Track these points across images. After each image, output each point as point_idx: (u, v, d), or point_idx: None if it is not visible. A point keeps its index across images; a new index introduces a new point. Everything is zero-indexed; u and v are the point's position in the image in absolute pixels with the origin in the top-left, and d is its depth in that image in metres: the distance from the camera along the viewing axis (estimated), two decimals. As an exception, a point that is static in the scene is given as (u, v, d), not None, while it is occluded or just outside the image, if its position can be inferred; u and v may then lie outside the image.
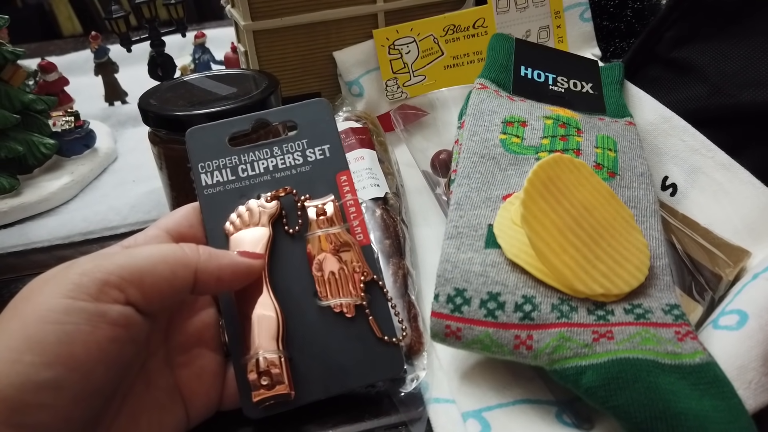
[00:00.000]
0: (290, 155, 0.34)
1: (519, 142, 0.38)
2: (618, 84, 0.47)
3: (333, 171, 0.34)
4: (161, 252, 0.27)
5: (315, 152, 0.34)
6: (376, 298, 0.32)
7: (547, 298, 0.31)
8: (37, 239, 0.50)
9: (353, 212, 0.33)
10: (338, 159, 0.34)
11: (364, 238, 0.33)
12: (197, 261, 0.28)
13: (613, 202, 0.34)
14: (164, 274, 0.26)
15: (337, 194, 0.33)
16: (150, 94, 0.44)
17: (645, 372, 0.28)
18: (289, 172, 0.34)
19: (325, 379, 0.31)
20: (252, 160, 0.34)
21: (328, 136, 0.34)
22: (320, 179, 0.33)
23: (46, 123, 0.56)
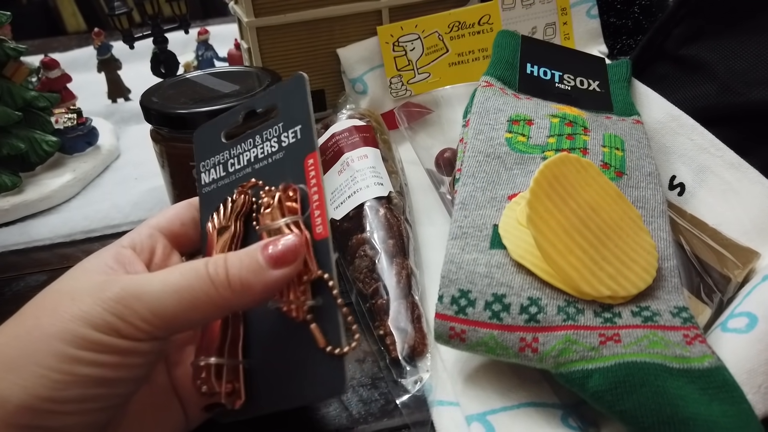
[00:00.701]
0: (268, 143, 0.32)
1: (525, 140, 0.38)
2: (625, 82, 0.46)
3: (302, 154, 0.30)
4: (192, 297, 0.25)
5: (288, 136, 0.31)
6: (326, 300, 0.28)
7: (553, 300, 0.30)
8: (38, 237, 0.50)
9: (316, 201, 0.29)
10: (307, 140, 0.30)
11: (323, 230, 0.28)
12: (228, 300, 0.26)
13: (621, 203, 0.33)
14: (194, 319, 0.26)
15: (303, 180, 0.30)
16: (152, 91, 0.43)
17: (653, 376, 0.27)
18: (266, 161, 0.31)
19: (277, 392, 0.28)
20: (238, 152, 0.33)
21: (300, 115, 0.31)
22: (291, 166, 0.30)
23: (48, 120, 0.56)
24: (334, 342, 0.27)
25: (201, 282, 0.25)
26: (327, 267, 0.27)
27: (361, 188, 0.42)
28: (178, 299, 0.25)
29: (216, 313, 0.27)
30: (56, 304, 0.25)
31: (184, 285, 0.25)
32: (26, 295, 0.47)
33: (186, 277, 0.25)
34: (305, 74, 0.31)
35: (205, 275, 0.26)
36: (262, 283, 0.26)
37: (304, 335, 0.27)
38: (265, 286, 0.26)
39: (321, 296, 0.27)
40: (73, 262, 0.50)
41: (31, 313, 0.25)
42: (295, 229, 0.28)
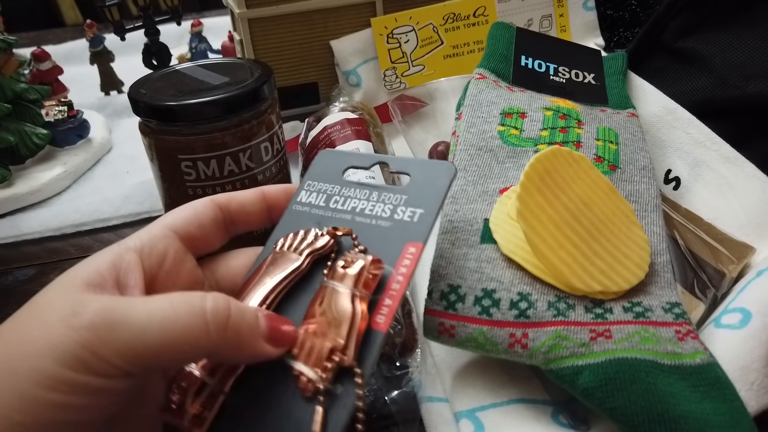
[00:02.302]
0: (382, 205, 0.29)
1: (517, 133, 0.37)
2: (621, 74, 0.45)
3: (407, 239, 0.28)
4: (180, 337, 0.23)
5: (405, 212, 0.29)
6: (346, 392, 0.24)
7: (543, 296, 0.30)
8: (28, 231, 0.49)
9: (395, 289, 0.26)
10: (421, 228, 0.28)
11: (384, 323, 0.26)
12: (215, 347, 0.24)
13: (613, 197, 0.33)
14: (177, 360, 0.24)
15: (392, 262, 0.27)
16: (140, 83, 0.43)
17: (644, 373, 0.27)
18: (370, 221, 0.29)
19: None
20: (348, 195, 0.30)
21: (428, 201, 0.29)
22: (390, 242, 0.28)
23: (38, 113, 0.56)
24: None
25: (194, 319, 0.23)
26: (366, 361, 0.25)
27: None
28: (162, 334, 0.22)
29: (197, 358, 0.25)
30: (27, 332, 0.22)
31: (173, 319, 0.23)
32: (15, 290, 0.47)
33: (177, 311, 0.23)
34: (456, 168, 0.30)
35: (200, 313, 0.23)
36: (252, 348, 0.24)
37: (299, 408, 0.24)
38: (252, 352, 0.24)
39: (342, 385, 0.24)
40: (62, 256, 0.50)
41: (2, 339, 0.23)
42: (358, 305, 0.26)
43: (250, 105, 0.41)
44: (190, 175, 0.41)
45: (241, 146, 0.41)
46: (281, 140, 0.45)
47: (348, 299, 0.26)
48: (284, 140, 0.46)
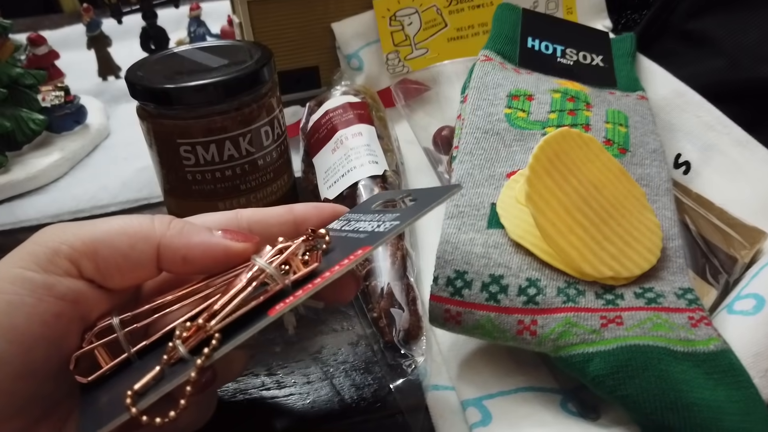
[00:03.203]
0: (375, 223, 0.27)
1: (525, 116, 0.36)
2: (630, 56, 0.44)
3: (362, 243, 0.25)
4: (124, 223, 0.25)
5: (382, 226, 0.26)
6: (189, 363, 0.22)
7: (552, 282, 0.29)
8: (25, 218, 0.48)
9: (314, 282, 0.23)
10: (381, 235, 0.26)
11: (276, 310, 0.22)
12: (161, 235, 0.25)
13: (624, 180, 0.32)
14: (121, 246, 0.24)
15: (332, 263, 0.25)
16: (137, 66, 0.42)
17: (656, 360, 0.26)
18: (350, 234, 0.27)
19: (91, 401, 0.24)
20: (362, 220, 0.28)
21: (408, 215, 0.27)
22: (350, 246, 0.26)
23: (35, 98, 0.55)
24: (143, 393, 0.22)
25: (139, 216, 0.26)
26: (229, 337, 0.22)
27: (355, 167, 0.41)
28: (107, 226, 0.25)
29: (145, 246, 0.24)
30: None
31: (121, 217, 0.25)
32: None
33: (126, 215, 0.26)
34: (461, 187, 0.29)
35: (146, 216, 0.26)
36: (201, 236, 0.25)
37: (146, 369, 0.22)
38: (205, 240, 0.25)
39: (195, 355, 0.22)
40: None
41: None
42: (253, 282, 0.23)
43: (249, 88, 0.40)
44: (189, 160, 0.40)
45: (240, 130, 0.40)
46: (282, 125, 0.44)
47: (249, 272, 0.24)
48: (285, 125, 0.45)
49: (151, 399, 0.21)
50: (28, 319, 0.22)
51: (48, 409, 0.24)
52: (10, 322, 0.22)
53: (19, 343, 0.22)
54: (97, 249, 0.24)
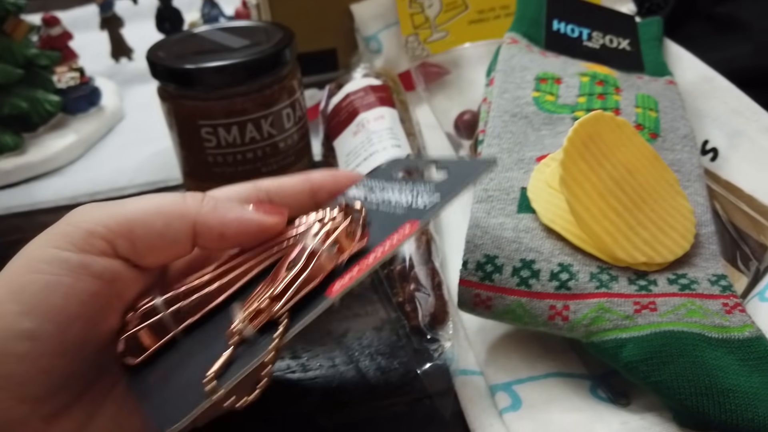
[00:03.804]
0: (408, 195, 0.27)
1: (553, 100, 0.36)
2: (657, 41, 0.43)
3: (407, 218, 0.26)
4: (157, 202, 0.25)
5: (420, 200, 0.26)
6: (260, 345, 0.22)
7: (585, 267, 0.29)
8: (42, 199, 0.48)
9: (368, 261, 0.24)
10: (427, 211, 0.26)
11: (334, 290, 0.23)
12: (197, 212, 0.25)
13: (657, 165, 0.31)
14: (156, 225, 0.24)
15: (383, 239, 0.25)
16: (158, 46, 0.41)
17: (690, 346, 0.26)
18: (389, 208, 0.27)
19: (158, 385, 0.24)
20: (386, 187, 0.29)
21: (448, 189, 0.26)
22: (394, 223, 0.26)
23: (50, 79, 0.54)
24: (222, 380, 0.22)
25: (171, 194, 0.26)
26: (297, 320, 0.23)
27: (377, 150, 0.40)
28: (142, 204, 0.25)
29: (180, 224, 0.25)
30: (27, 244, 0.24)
31: (153, 196, 0.26)
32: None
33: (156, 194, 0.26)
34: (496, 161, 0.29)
35: (178, 193, 0.26)
36: (238, 213, 0.25)
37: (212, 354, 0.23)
38: (240, 216, 0.25)
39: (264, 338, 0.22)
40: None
41: None
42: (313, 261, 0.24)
43: (271, 69, 0.40)
44: (210, 142, 0.40)
45: (262, 112, 0.40)
46: (303, 107, 0.43)
47: (306, 253, 0.24)
48: (305, 107, 0.44)
49: (233, 382, 0.21)
50: (66, 298, 0.22)
51: (84, 389, 0.24)
52: (47, 301, 0.22)
53: (57, 322, 0.22)
54: (133, 228, 0.24)
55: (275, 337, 0.22)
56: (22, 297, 0.22)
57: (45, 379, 0.22)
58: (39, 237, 0.24)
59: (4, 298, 0.22)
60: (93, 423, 0.25)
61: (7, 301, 0.22)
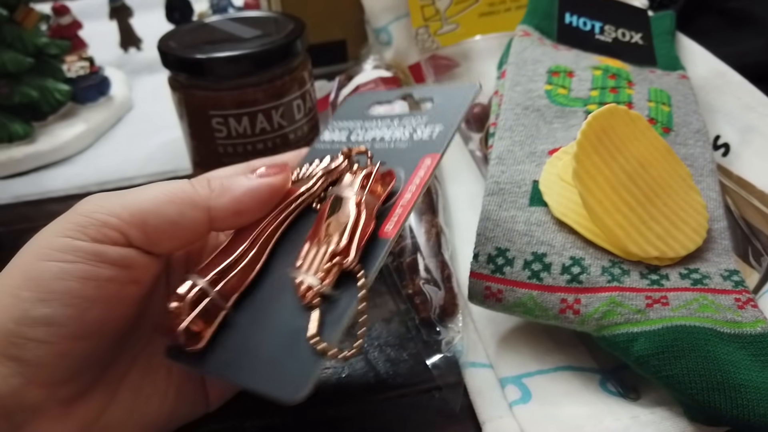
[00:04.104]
0: (402, 129, 0.29)
1: (566, 93, 0.36)
2: (669, 35, 0.43)
3: (424, 151, 0.27)
4: (168, 191, 0.25)
5: (424, 131, 0.28)
6: (346, 297, 0.24)
7: (597, 260, 0.29)
8: (51, 188, 0.48)
9: (406, 199, 0.26)
10: (439, 142, 0.28)
11: (391, 231, 0.25)
12: (208, 198, 0.25)
13: (670, 159, 0.31)
14: (170, 215, 0.25)
15: (408, 176, 0.27)
16: (169, 36, 0.41)
17: (702, 341, 0.26)
18: (387, 145, 0.29)
19: (239, 362, 0.24)
20: (369, 127, 0.30)
21: (447, 117, 0.28)
22: (407, 159, 0.28)
23: (59, 68, 0.54)
24: (326, 338, 0.23)
25: (179, 182, 0.26)
26: (370, 266, 0.24)
27: (387, 142, 0.40)
28: (153, 194, 0.25)
29: (194, 212, 0.25)
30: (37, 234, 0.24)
31: (161, 185, 0.26)
32: (41, 247, 0.46)
33: (162, 183, 0.26)
34: (481, 86, 0.30)
35: (185, 180, 0.26)
36: (243, 186, 0.26)
37: (298, 318, 0.24)
38: (247, 187, 0.26)
39: (343, 290, 0.24)
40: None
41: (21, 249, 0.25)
42: (363, 209, 0.25)
43: (282, 60, 0.39)
44: (221, 132, 0.40)
45: (273, 103, 0.40)
46: (313, 99, 0.43)
47: (352, 203, 0.25)
48: (315, 99, 0.44)
49: (335, 338, 0.23)
50: (83, 283, 0.23)
51: (101, 373, 0.25)
52: (64, 286, 0.22)
53: (75, 306, 0.22)
54: (146, 219, 0.24)
55: (359, 286, 0.23)
56: (37, 283, 0.22)
57: (64, 363, 0.23)
58: (50, 227, 0.24)
59: (18, 285, 0.22)
60: (111, 407, 0.25)
61: (22, 288, 0.22)
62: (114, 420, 0.25)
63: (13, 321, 0.22)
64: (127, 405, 0.25)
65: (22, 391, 0.22)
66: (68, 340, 0.23)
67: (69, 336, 0.22)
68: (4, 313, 0.22)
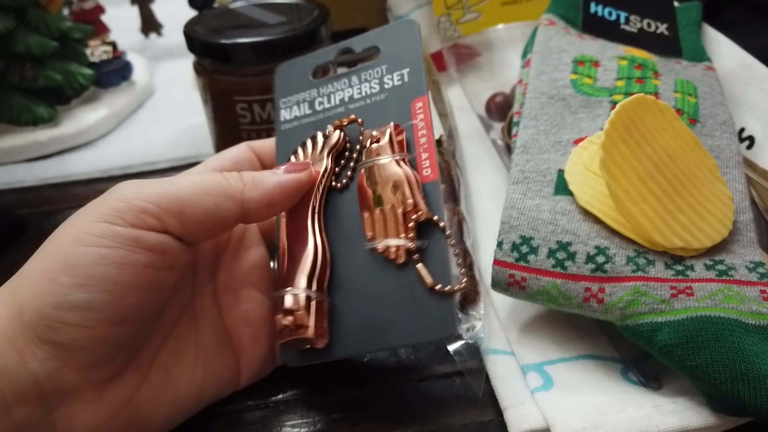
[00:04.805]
0: (367, 84, 0.31)
1: (591, 83, 0.35)
2: (696, 26, 0.43)
3: (409, 97, 0.29)
4: (204, 183, 0.26)
5: (393, 78, 0.30)
6: (434, 242, 0.27)
7: (621, 250, 0.29)
8: (76, 171, 0.49)
9: (423, 143, 0.28)
10: (417, 83, 0.29)
11: (432, 174, 0.28)
12: (242, 191, 0.26)
13: (697, 150, 0.31)
14: (207, 206, 0.25)
15: (408, 121, 0.29)
16: (195, 21, 0.41)
17: (727, 331, 0.26)
18: (363, 102, 0.31)
19: (367, 334, 0.27)
20: (330, 92, 0.31)
21: (409, 59, 0.30)
22: (394, 107, 0.30)
23: (83, 52, 0.55)
24: (443, 282, 0.26)
25: (212, 174, 0.27)
26: (437, 210, 0.27)
27: (410, 130, 0.40)
28: (189, 184, 0.25)
29: (229, 204, 0.26)
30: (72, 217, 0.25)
31: (196, 175, 0.27)
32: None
33: (196, 173, 0.27)
34: (416, 21, 0.31)
35: (216, 173, 0.27)
36: (274, 180, 0.27)
37: (400, 277, 0.27)
38: (278, 182, 0.27)
39: (427, 239, 0.27)
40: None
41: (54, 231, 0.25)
42: (404, 166, 0.27)
43: (307, 46, 0.40)
44: (245, 118, 0.40)
45: (297, 90, 0.40)
46: (336, 86, 0.43)
47: (394, 164, 0.28)
48: (338, 86, 0.44)
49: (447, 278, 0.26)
50: (120, 269, 0.23)
51: (133, 354, 0.25)
52: (103, 272, 0.23)
53: (112, 292, 0.23)
54: (183, 208, 0.25)
55: (442, 227, 0.27)
56: (76, 269, 0.23)
57: (99, 347, 0.23)
58: (85, 210, 0.25)
59: (56, 270, 0.23)
60: (142, 388, 0.25)
61: (60, 272, 0.23)
62: (144, 400, 0.26)
63: (50, 306, 0.22)
64: (157, 385, 0.26)
65: (57, 374, 0.23)
66: (105, 325, 0.23)
67: (105, 321, 0.23)
68: (41, 297, 0.22)
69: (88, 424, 0.24)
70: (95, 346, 0.23)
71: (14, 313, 0.23)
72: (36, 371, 0.22)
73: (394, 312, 0.27)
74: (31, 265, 0.24)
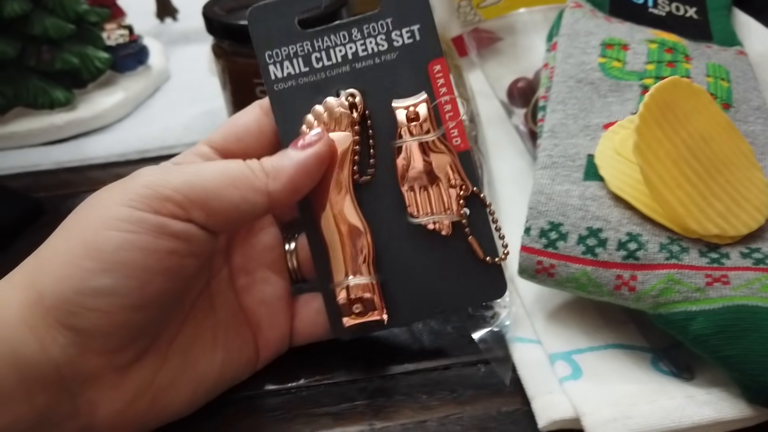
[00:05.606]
0: (372, 39, 0.28)
1: (620, 66, 0.34)
2: (725, 9, 0.42)
3: (425, 59, 0.27)
4: (230, 175, 0.25)
5: (402, 35, 0.27)
6: (476, 214, 0.28)
7: (654, 237, 0.28)
8: (93, 155, 0.49)
9: (449, 111, 0.28)
10: (431, 44, 0.27)
11: (462, 143, 0.28)
12: (266, 183, 0.25)
13: (733, 135, 0.30)
14: (233, 198, 0.25)
15: (430, 89, 0.28)
16: (214, 2, 0.41)
17: (765, 321, 0.25)
18: (371, 61, 0.28)
19: (418, 303, 0.29)
20: (327, 46, 0.28)
21: (418, 14, 0.28)
22: (409, 70, 0.28)
23: (99, 36, 0.54)
24: (490, 253, 0.28)
25: (236, 164, 0.26)
26: (473, 180, 0.28)
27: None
28: (215, 175, 0.25)
29: (256, 197, 0.25)
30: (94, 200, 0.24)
31: (221, 164, 0.26)
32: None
33: (221, 161, 0.27)
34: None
35: (240, 161, 0.26)
36: (294, 162, 0.26)
37: (447, 248, 0.28)
38: (297, 164, 0.26)
39: (471, 213, 0.28)
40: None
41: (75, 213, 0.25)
42: (445, 142, 0.28)
43: (327, 28, 0.39)
44: (265, 101, 0.39)
45: (317, 73, 0.39)
46: (356, 69, 0.43)
47: (440, 142, 0.28)
48: (358, 70, 0.43)
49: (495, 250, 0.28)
50: (145, 254, 0.23)
51: (155, 338, 0.25)
52: (127, 258, 0.22)
53: (136, 278, 0.22)
54: (209, 200, 0.24)
55: (483, 197, 0.28)
56: (100, 254, 0.22)
57: (121, 332, 0.23)
58: (109, 194, 0.24)
59: (79, 255, 0.22)
60: (162, 371, 0.25)
61: (83, 257, 0.22)
62: (164, 384, 0.25)
63: (73, 291, 0.22)
64: (177, 368, 0.26)
65: (79, 360, 0.22)
66: (127, 311, 0.23)
67: (128, 307, 0.23)
68: (63, 282, 0.22)
69: (110, 408, 0.24)
70: (118, 331, 0.23)
71: (34, 298, 0.22)
72: (57, 357, 0.22)
73: (443, 280, 0.28)
74: (50, 248, 0.24)
